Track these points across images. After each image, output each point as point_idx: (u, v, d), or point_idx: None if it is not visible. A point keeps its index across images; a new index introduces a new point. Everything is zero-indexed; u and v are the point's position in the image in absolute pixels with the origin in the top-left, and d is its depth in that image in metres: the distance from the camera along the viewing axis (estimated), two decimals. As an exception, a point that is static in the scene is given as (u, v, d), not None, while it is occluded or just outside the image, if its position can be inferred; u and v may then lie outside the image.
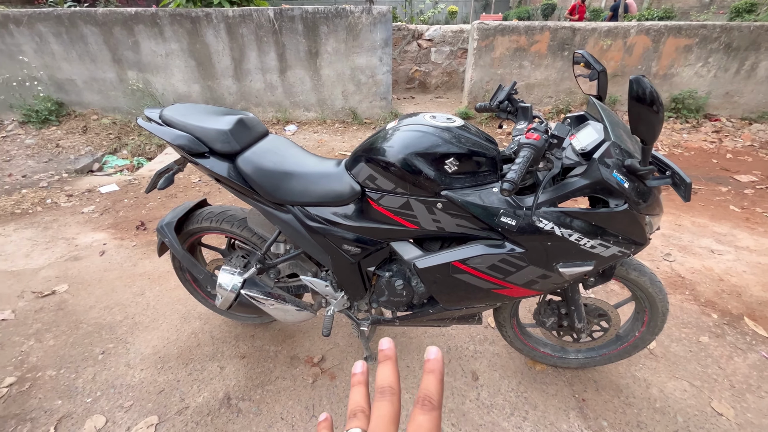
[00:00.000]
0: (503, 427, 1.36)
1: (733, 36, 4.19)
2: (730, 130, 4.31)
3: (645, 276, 1.25)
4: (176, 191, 3.09)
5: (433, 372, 0.29)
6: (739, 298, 1.93)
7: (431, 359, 0.30)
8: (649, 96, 0.77)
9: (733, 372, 1.55)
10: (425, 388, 0.29)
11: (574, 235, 0.98)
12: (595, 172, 0.92)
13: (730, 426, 1.35)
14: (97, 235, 2.52)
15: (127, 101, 4.29)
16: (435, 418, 0.27)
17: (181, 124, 1.18)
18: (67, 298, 1.97)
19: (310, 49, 4.11)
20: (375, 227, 1.15)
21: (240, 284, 1.29)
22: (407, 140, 1.02)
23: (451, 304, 1.22)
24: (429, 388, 0.28)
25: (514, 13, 16.39)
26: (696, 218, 2.67)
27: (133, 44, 4.01)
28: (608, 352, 1.46)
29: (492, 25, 4.19)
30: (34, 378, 1.56)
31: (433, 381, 0.29)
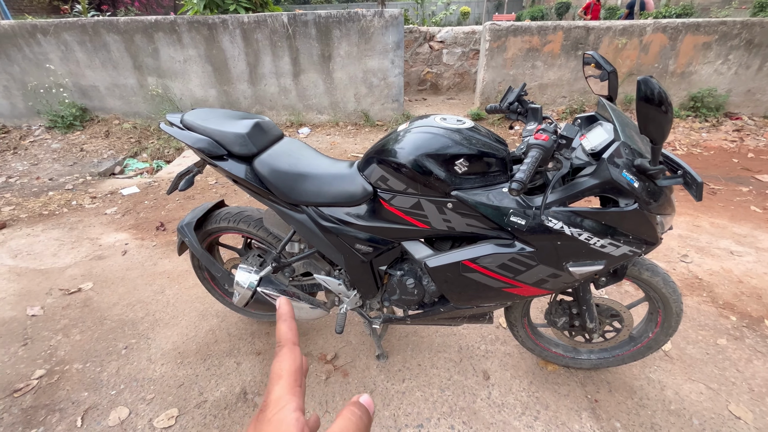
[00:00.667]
0: (514, 426, 1.37)
1: (755, 32, 4.08)
2: (752, 128, 4.19)
3: (658, 276, 1.24)
4: (194, 193, 3.18)
5: (279, 318, 0.34)
6: (760, 300, 1.88)
7: (278, 308, 0.35)
8: (657, 96, 0.78)
9: (752, 375, 1.52)
10: (277, 336, 0.33)
11: (584, 235, 0.99)
12: (604, 172, 0.93)
13: (749, 429, 1.33)
14: (120, 236, 2.61)
15: (147, 106, 4.44)
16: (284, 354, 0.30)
17: (201, 128, 1.23)
18: (92, 296, 2.06)
19: (323, 52, 4.18)
20: (387, 227, 1.18)
21: (256, 282, 1.33)
22: (418, 142, 1.05)
23: (461, 302, 1.24)
24: (278, 333, 0.33)
25: (528, 13, 16.24)
26: (715, 219, 2.61)
27: (153, 51, 4.14)
28: (621, 353, 1.45)
29: (504, 26, 4.18)
30: (62, 371, 1.63)
31: (280, 325, 0.33)
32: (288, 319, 0.34)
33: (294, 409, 0.26)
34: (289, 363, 0.29)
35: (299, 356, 0.31)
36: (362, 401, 0.30)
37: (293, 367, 0.29)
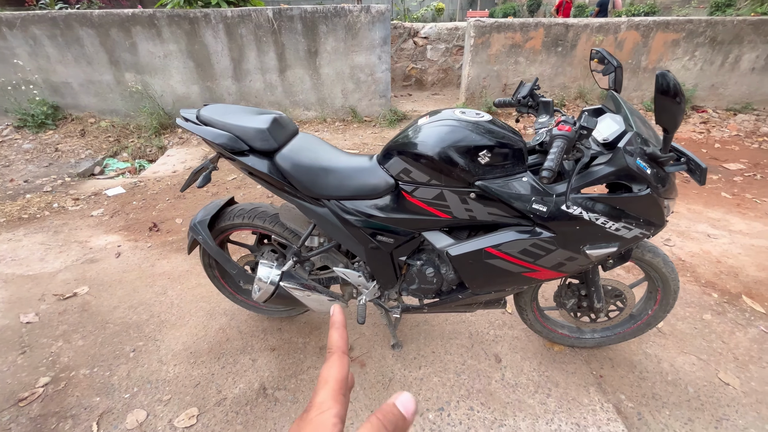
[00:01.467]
0: (529, 404, 1.44)
1: (718, 30, 4.36)
2: (717, 120, 4.49)
3: (658, 257, 1.34)
4: (185, 193, 3.10)
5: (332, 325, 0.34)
6: (737, 278, 2.05)
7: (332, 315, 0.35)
8: (673, 89, 0.85)
9: (736, 346, 1.67)
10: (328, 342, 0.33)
11: (600, 219, 1.06)
12: (620, 160, 1.00)
13: (737, 394, 1.46)
14: (110, 238, 2.53)
15: (125, 103, 4.26)
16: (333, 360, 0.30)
17: (221, 123, 1.22)
18: (90, 300, 1.99)
19: (310, 48, 4.14)
20: (408, 218, 1.21)
21: (278, 277, 1.34)
22: (442, 134, 1.09)
23: (481, 288, 1.29)
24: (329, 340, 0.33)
25: (500, 10, 16.54)
26: (691, 205, 2.80)
27: (131, 46, 3.98)
28: (623, 330, 1.56)
29: (488, 23, 4.27)
30: (69, 377, 1.58)
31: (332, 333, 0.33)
32: (340, 328, 0.34)
33: (334, 415, 0.26)
34: (336, 370, 0.30)
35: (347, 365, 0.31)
36: (399, 403, 0.29)
37: (340, 375, 0.30)
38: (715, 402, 1.43)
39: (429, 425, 1.37)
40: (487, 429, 1.36)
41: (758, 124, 4.37)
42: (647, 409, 1.41)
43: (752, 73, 4.60)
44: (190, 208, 2.87)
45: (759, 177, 3.26)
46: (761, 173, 3.32)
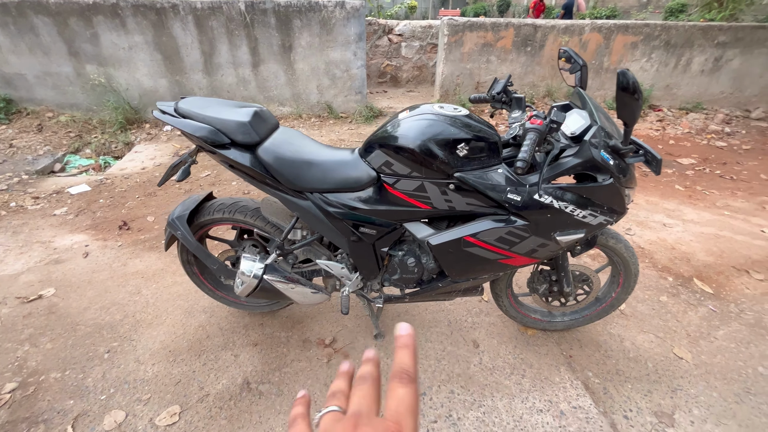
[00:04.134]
0: (505, 384, 1.52)
1: (672, 34, 4.67)
2: (671, 119, 4.81)
3: (620, 243, 1.45)
4: (155, 190, 3.00)
5: (406, 347, 0.30)
6: (689, 263, 2.23)
7: (403, 335, 0.31)
8: (632, 86, 0.93)
9: (688, 324, 1.82)
10: (400, 362, 0.29)
11: (569, 207, 1.14)
12: (586, 152, 1.09)
13: (689, 366, 1.60)
14: (77, 237, 2.41)
15: (87, 97, 4.05)
16: (413, 390, 0.27)
17: (201, 116, 1.21)
18: (57, 302, 1.90)
19: (284, 43, 4.09)
20: (390, 210, 1.25)
21: (262, 270, 1.34)
22: (423, 128, 1.13)
23: (460, 276, 1.36)
24: (404, 361, 0.29)
25: (471, 9, 16.85)
26: (648, 197, 3.01)
27: (92, 36, 3.78)
28: (589, 313, 1.67)
29: (461, 21, 4.37)
30: (38, 381, 1.52)
31: (408, 355, 0.30)
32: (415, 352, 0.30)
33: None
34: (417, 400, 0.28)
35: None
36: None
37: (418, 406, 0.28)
38: (670, 374, 1.57)
39: (412, 409, 1.42)
40: (467, 410, 1.42)
41: (707, 122, 4.73)
42: (612, 384, 1.53)
43: (702, 74, 4.96)
44: (162, 205, 2.78)
45: (708, 171, 3.53)
46: (709, 167, 3.60)
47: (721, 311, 1.90)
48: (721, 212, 2.81)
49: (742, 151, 4.04)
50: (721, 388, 1.52)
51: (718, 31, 4.67)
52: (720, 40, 4.73)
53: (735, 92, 5.16)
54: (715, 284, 2.07)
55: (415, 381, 0.28)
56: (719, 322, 1.83)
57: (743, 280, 2.11)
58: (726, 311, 1.90)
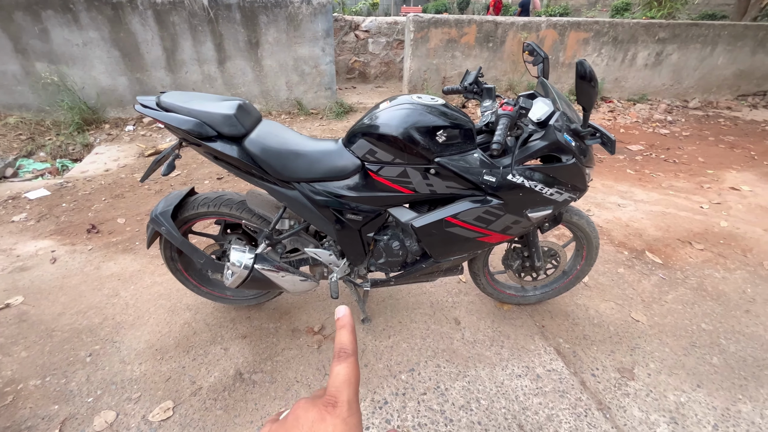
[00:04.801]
0: (486, 355, 1.64)
1: (618, 30, 5.03)
2: (621, 109, 5.20)
3: (583, 219, 1.60)
4: (123, 191, 2.89)
5: (343, 327, 0.33)
6: (641, 238, 2.47)
7: (340, 317, 0.34)
8: (589, 74, 1.05)
9: (642, 291, 2.03)
10: (339, 341, 0.32)
11: (538, 186, 1.27)
12: (551, 135, 1.21)
13: (645, 327, 1.80)
14: (41, 243, 2.29)
15: (37, 97, 3.80)
16: (351, 363, 0.30)
17: (185, 109, 1.22)
18: (27, 310, 1.82)
19: (250, 39, 4.03)
20: (375, 196, 1.32)
21: (252, 260, 1.37)
22: (404, 117, 1.21)
23: (442, 256, 1.45)
24: (342, 340, 0.32)
25: (432, 6, 17.13)
26: (604, 181, 3.26)
27: (41, 32, 3.55)
28: (558, 285, 1.82)
29: (426, 18, 4.49)
30: (16, 390, 1.46)
31: (345, 333, 0.33)
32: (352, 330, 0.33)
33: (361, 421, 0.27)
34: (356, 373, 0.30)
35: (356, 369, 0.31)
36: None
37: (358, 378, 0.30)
38: (629, 335, 1.75)
39: (403, 385, 1.51)
40: (453, 381, 1.53)
41: (652, 112, 5.15)
42: (580, 348, 1.69)
43: (645, 68, 5.39)
44: (132, 207, 2.69)
45: (654, 156, 3.87)
46: (655, 153, 3.95)
47: (669, 278, 2.13)
48: (667, 192, 3.10)
49: (683, 137, 4.45)
50: (672, 343, 1.72)
51: (659, 28, 5.09)
52: (660, 37, 5.15)
53: (674, 84, 5.65)
54: (664, 255, 2.31)
55: (353, 354, 0.31)
56: (668, 288, 2.05)
57: (687, 250, 2.37)
58: (673, 278, 2.13)
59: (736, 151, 4.07)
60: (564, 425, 1.37)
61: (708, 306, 1.94)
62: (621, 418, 1.40)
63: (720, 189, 3.19)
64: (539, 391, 1.49)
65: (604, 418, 1.40)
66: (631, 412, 1.42)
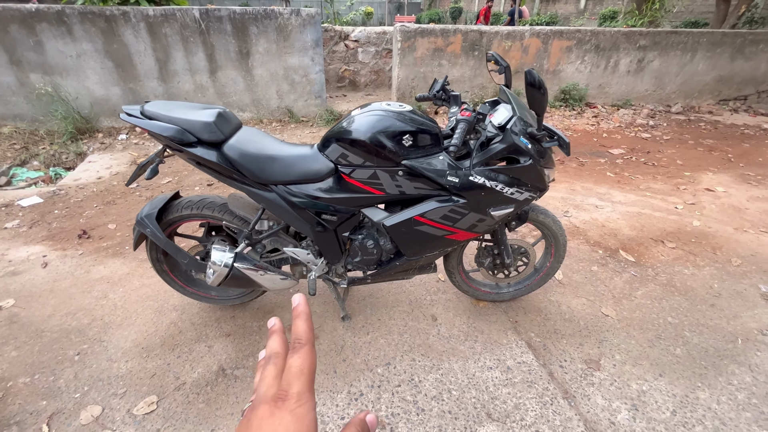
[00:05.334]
0: (460, 349, 1.72)
1: (600, 39, 5.19)
2: (605, 114, 5.33)
3: (549, 218, 1.69)
4: (114, 198, 2.96)
5: (298, 316, 0.33)
6: (616, 237, 2.56)
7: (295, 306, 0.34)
8: (538, 83, 1.15)
9: (614, 287, 2.11)
10: (294, 331, 0.32)
11: (498, 186, 1.35)
12: (509, 138, 1.30)
13: (613, 321, 1.88)
14: (33, 249, 2.36)
15: (32, 107, 3.88)
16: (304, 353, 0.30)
17: (167, 117, 1.30)
18: (18, 312, 1.88)
19: (241, 49, 4.14)
20: (348, 197, 1.40)
21: (232, 259, 1.44)
22: (372, 122, 1.30)
23: (414, 254, 1.53)
24: (297, 330, 0.32)
25: (426, 15, 17.46)
26: (584, 184, 3.37)
27: (36, 44, 3.64)
28: (530, 282, 1.91)
29: (412, 28, 4.62)
30: (6, 388, 1.52)
31: (300, 323, 0.33)
32: (307, 318, 0.33)
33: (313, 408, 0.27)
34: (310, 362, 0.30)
35: (315, 357, 0.31)
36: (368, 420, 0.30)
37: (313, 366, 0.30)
38: (598, 329, 1.83)
39: (379, 378, 1.58)
40: (427, 373, 1.60)
41: (634, 117, 5.29)
42: (550, 341, 1.76)
43: (628, 75, 5.55)
44: (122, 213, 2.76)
45: (634, 159, 3.99)
46: (636, 156, 4.07)
47: (640, 275, 2.21)
48: (644, 193, 3.21)
49: (663, 141, 4.58)
50: (638, 336, 1.80)
51: (639, 36, 5.25)
52: (641, 44, 5.32)
53: (657, 90, 5.81)
54: (637, 254, 2.40)
55: (308, 343, 0.31)
56: (639, 284, 2.14)
57: (659, 248, 2.46)
58: (644, 275, 2.22)
59: (714, 154, 4.19)
60: (530, 413, 1.44)
61: (675, 301, 2.02)
62: (585, 405, 1.48)
63: (695, 190, 3.30)
64: (508, 382, 1.56)
65: (569, 405, 1.47)
66: (594, 400, 1.50)
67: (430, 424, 1.40)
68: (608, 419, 1.43)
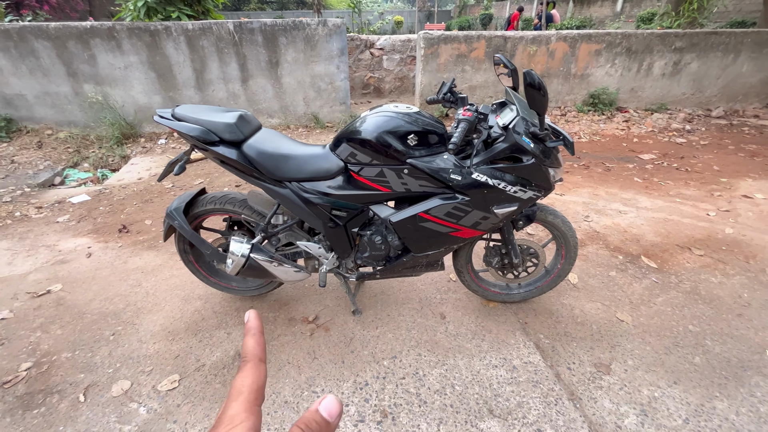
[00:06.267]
0: (467, 347, 1.74)
1: (632, 41, 5.03)
2: (637, 119, 5.14)
3: (558, 219, 1.69)
4: (152, 197, 3.20)
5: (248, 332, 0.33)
6: (638, 243, 2.48)
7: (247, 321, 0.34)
8: (537, 83, 1.18)
9: (632, 293, 2.06)
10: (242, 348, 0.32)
11: (501, 184, 1.38)
12: (510, 138, 1.33)
13: (629, 327, 1.83)
14: (79, 240, 2.60)
15: (84, 115, 4.27)
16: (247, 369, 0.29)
17: (194, 119, 1.44)
18: (64, 296, 2.09)
19: (271, 59, 4.36)
20: (357, 194, 1.48)
21: (248, 249, 1.56)
22: (380, 123, 1.37)
23: (420, 250, 1.58)
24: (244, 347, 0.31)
25: (456, 23, 17.50)
26: (609, 189, 3.27)
27: (89, 57, 4.03)
28: (541, 284, 1.90)
29: (435, 35, 4.69)
30: (51, 361, 1.70)
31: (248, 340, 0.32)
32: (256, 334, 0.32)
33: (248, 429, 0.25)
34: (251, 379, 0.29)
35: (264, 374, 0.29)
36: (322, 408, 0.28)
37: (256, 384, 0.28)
38: (611, 334, 1.79)
39: (384, 370, 1.63)
40: (431, 368, 1.63)
41: (670, 122, 5.06)
42: (560, 343, 1.75)
43: (663, 78, 5.32)
44: (158, 210, 2.99)
45: (665, 164, 3.83)
46: (668, 161, 3.90)
47: (662, 282, 2.14)
48: (673, 199, 3.08)
49: (700, 146, 4.35)
50: (654, 343, 1.74)
51: (674, 37, 5.04)
52: (677, 46, 5.10)
53: (696, 93, 5.53)
54: (660, 260, 2.32)
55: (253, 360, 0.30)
56: (659, 291, 2.07)
57: (685, 255, 2.36)
58: (667, 282, 2.14)
59: (756, 160, 3.94)
60: (533, 411, 1.44)
61: (699, 309, 1.94)
62: (591, 408, 1.46)
63: (731, 197, 3.12)
64: (513, 381, 1.57)
65: (574, 407, 1.46)
66: (601, 404, 1.47)
67: (431, 416, 1.44)
68: (615, 423, 1.40)
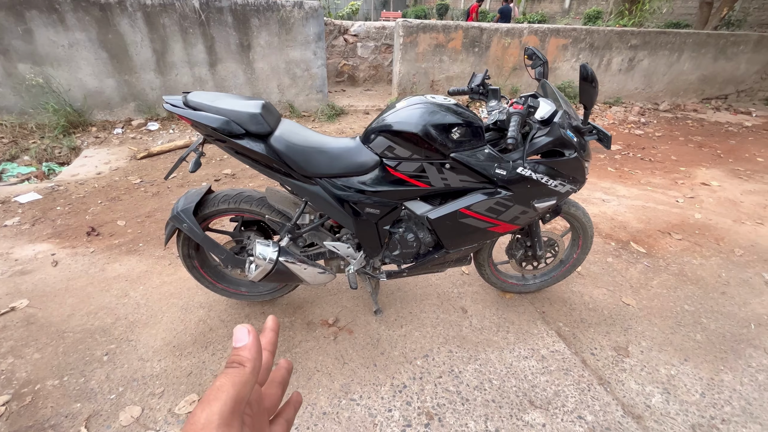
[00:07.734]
0: (494, 340, 1.75)
1: (595, 37, 5.32)
2: (599, 112, 5.48)
3: (579, 210, 1.73)
4: (119, 194, 2.85)
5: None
6: (625, 230, 2.65)
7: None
8: (591, 76, 1.18)
9: (631, 277, 2.19)
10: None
11: (544, 178, 1.38)
12: (556, 132, 1.32)
13: (635, 310, 1.95)
14: (39, 247, 2.25)
15: (20, 100, 3.68)
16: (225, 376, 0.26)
17: (213, 108, 1.27)
18: (34, 312, 1.80)
19: (242, 42, 4.04)
20: (392, 190, 1.40)
21: (277, 253, 1.42)
22: (423, 115, 1.30)
23: (455, 246, 1.54)
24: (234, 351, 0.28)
25: (412, 11, 17.44)
26: (588, 178, 3.46)
27: (25, 32, 3.45)
28: (556, 273, 1.95)
29: (415, 23, 4.62)
30: (33, 391, 1.45)
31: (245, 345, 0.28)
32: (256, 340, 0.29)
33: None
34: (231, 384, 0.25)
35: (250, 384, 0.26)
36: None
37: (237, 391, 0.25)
38: (622, 318, 1.90)
39: (419, 370, 1.59)
40: (465, 364, 1.62)
41: (626, 114, 5.45)
42: (578, 330, 1.82)
43: (620, 73, 5.71)
44: (130, 209, 2.67)
45: (631, 155, 4.12)
46: (632, 152, 4.20)
47: (653, 266, 2.30)
48: (645, 188, 3.33)
49: (656, 137, 4.75)
50: (660, 323, 1.87)
51: (631, 35, 5.41)
52: (632, 43, 5.48)
53: (646, 88, 6.00)
54: (647, 245, 2.49)
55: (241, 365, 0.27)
56: (653, 274, 2.22)
57: (667, 240, 2.56)
58: (657, 265, 2.30)
59: (704, 150, 4.38)
60: (570, 399, 1.49)
61: (689, 289, 2.11)
62: (620, 390, 1.53)
63: (692, 184, 3.44)
64: (545, 370, 1.60)
65: (605, 391, 1.52)
66: (628, 385, 1.55)
67: (476, 413, 1.43)
68: (644, 403, 1.49)
